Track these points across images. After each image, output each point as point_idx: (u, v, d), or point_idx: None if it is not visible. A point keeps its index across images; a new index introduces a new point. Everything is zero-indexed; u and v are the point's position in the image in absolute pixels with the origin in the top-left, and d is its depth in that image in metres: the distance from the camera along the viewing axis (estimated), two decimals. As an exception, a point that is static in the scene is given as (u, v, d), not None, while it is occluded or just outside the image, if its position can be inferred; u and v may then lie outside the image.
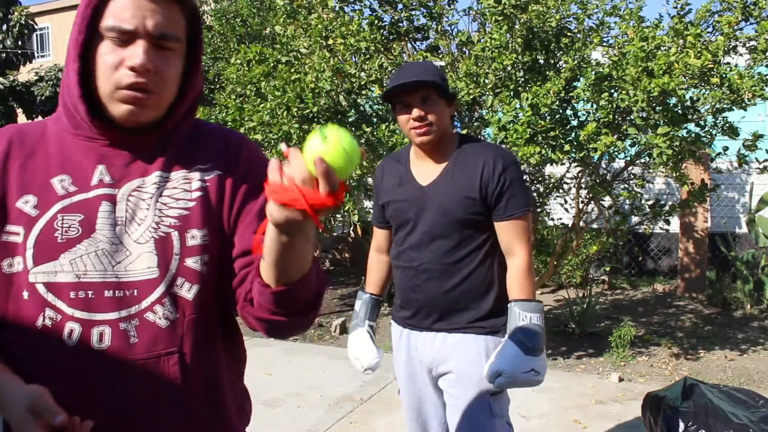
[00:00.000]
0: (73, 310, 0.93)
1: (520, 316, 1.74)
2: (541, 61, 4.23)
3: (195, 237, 0.99)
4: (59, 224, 0.94)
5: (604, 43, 4.27)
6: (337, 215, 7.13)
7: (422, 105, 1.79)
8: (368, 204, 6.99)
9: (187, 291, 0.98)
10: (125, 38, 0.93)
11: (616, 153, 4.36)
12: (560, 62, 4.26)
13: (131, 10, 0.92)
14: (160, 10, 0.94)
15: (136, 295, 0.95)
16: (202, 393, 1.00)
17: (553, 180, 4.72)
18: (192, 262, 0.98)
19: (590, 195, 4.51)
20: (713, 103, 3.90)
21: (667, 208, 4.55)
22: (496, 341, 1.83)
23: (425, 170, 1.89)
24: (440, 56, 4.63)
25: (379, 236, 2.10)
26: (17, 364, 0.93)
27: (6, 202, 0.95)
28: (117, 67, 0.93)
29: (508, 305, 1.79)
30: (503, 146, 3.91)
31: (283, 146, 0.84)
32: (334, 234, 7.74)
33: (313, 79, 4.50)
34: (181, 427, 0.99)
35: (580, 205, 4.69)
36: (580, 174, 4.60)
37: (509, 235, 1.82)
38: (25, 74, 11.75)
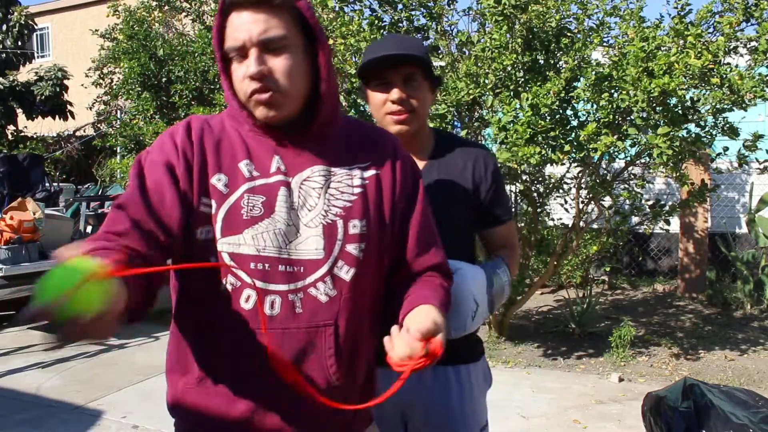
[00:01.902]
0: (252, 279, 1.07)
1: (501, 267, 1.54)
2: (541, 61, 4.23)
3: (356, 226, 1.13)
4: (245, 203, 1.09)
5: (605, 44, 4.27)
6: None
7: (404, 85, 1.50)
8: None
9: (346, 273, 1.12)
10: (242, 53, 1.07)
11: (616, 153, 4.36)
12: (560, 62, 4.25)
13: (238, 28, 1.06)
14: (261, 19, 1.06)
15: (303, 272, 1.09)
16: (346, 363, 1.14)
17: (553, 180, 4.72)
18: (352, 248, 1.13)
19: (590, 195, 4.51)
20: (713, 104, 3.90)
21: (667, 208, 4.55)
22: (480, 371, 1.65)
23: None
24: (440, 56, 4.63)
25: None
26: (199, 321, 1.11)
27: (206, 178, 1.09)
28: (243, 80, 1.08)
29: (496, 256, 1.62)
30: (503, 146, 3.92)
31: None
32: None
33: (313, 79, 4.49)
34: (324, 390, 1.10)
35: (580, 205, 4.68)
36: (580, 174, 4.60)
37: (502, 241, 1.65)
38: (25, 74, 11.74)
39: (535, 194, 4.74)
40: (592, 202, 4.74)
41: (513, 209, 1.72)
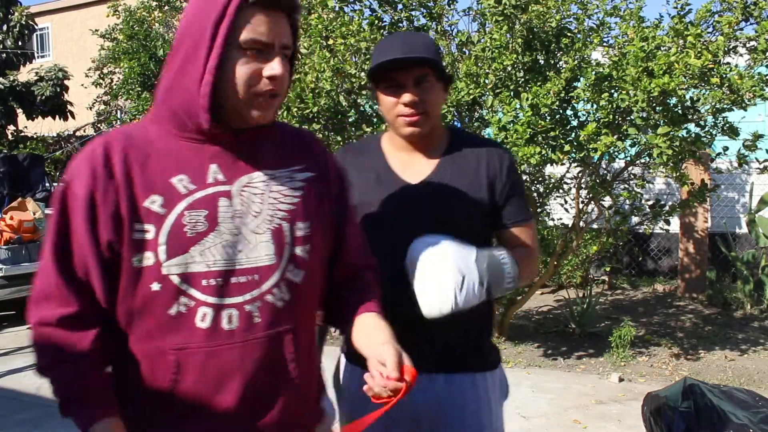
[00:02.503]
0: (205, 297, 1.04)
1: (502, 253, 1.43)
2: (541, 62, 4.23)
3: (301, 228, 1.13)
4: (187, 220, 1.04)
5: (605, 44, 4.27)
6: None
7: (416, 87, 1.44)
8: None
9: (296, 276, 1.12)
10: (263, 50, 1.04)
11: (616, 153, 4.36)
12: (560, 62, 4.25)
13: (268, 25, 1.03)
14: (283, 24, 1.06)
15: (257, 280, 1.07)
16: (305, 364, 1.15)
17: (553, 180, 4.72)
18: (300, 251, 1.12)
19: (590, 195, 4.51)
20: (713, 103, 3.90)
21: (667, 208, 4.55)
22: (498, 379, 1.57)
23: (411, 165, 1.53)
24: (440, 56, 4.64)
25: None
26: (145, 355, 1.05)
27: (136, 203, 1.04)
28: (256, 77, 1.04)
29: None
30: (504, 145, 3.92)
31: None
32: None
33: (313, 79, 4.50)
34: (289, 395, 1.12)
35: (580, 205, 4.68)
36: (580, 174, 4.60)
37: (519, 243, 1.53)
38: (25, 74, 11.73)
39: (535, 194, 4.74)
40: (592, 202, 4.74)
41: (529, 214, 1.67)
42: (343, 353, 1.64)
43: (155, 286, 1.02)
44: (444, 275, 1.33)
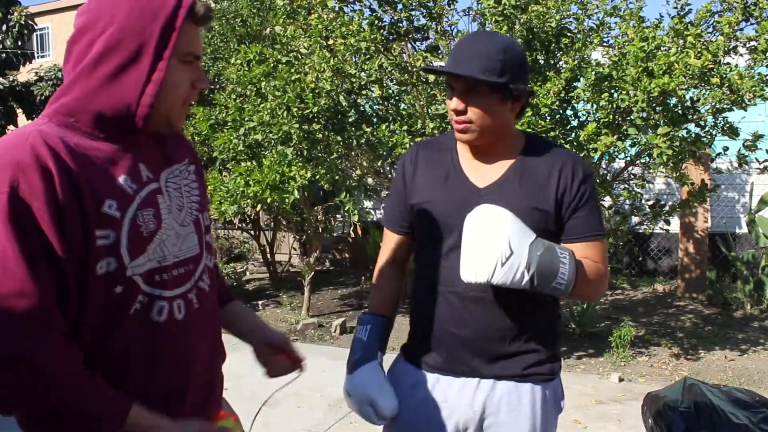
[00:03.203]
0: (159, 291, 1.08)
1: (564, 251, 1.36)
2: (541, 62, 4.23)
3: (206, 218, 1.22)
4: (141, 221, 1.06)
5: (604, 44, 4.27)
6: (337, 215, 7.13)
7: (464, 95, 1.39)
8: (368, 204, 6.99)
9: (210, 261, 1.23)
10: (194, 61, 1.10)
11: (616, 153, 4.36)
12: (560, 62, 4.26)
13: (198, 38, 1.11)
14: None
15: (192, 269, 1.15)
16: (221, 338, 1.28)
17: (553, 180, 4.72)
18: (208, 238, 1.23)
19: (590, 195, 4.50)
20: (713, 104, 3.90)
21: (667, 208, 4.55)
22: (552, 391, 1.52)
23: (481, 169, 1.47)
24: (440, 56, 4.63)
25: (394, 244, 1.60)
26: (116, 352, 1.05)
27: (100, 210, 1.01)
28: (188, 88, 1.10)
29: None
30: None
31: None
32: (334, 234, 7.75)
33: (313, 79, 4.50)
34: (222, 359, 1.28)
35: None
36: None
37: (588, 258, 1.43)
38: (25, 74, 11.74)
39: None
40: (592, 202, 4.73)
41: (603, 230, 1.51)
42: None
43: (118, 289, 1.03)
44: (492, 244, 1.29)
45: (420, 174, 1.52)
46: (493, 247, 1.29)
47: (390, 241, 1.61)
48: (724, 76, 3.76)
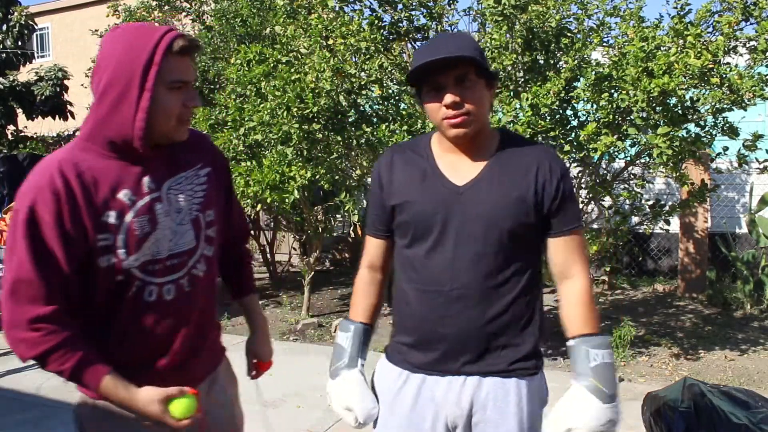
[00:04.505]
0: (153, 278, 1.37)
1: (590, 356, 1.44)
2: (541, 62, 4.23)
3: (209, 215, 1.48)
4: (136, 226, 1.34)
5: (604, 44, 4.27)
6: (338, 215, 7.13)
7: (457, 88, 1.40)
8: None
9: (209, 251, 1.48)
10: (183, 87, 1.33)
11: (616, 153, 4.36)
12: (560, 62, 4.26)
13: (186, 66, 1.34)
14: (191, 64, 1.37)
15: (185, 260, 1.42)
16: (213, 308, 1.56)
17: (553, 180, 4.71)
18: (210, 232, 1.48)
19: (590, 195, 4.51)
20: (713, 103, 3.90)
21: (667, 208, 4.55)
22: (537, 385, 1.54)
23: (458, 167, 1.49)
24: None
25: (375, 249, 1.63)
26: (116, 327, 1.36)
27: (96, 218, 1.30)
28: (180, 108, 1.34)
29: (572, 342, 1.49)
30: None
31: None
32: (334, 234, 7.74)
33: (313, 79, 4.50)
34: (212, 335, 1.56)
35: (580, 205, 4.69)
36: (580, 174, 4.60)
37: (566, 252, 1.49)
38: (25, 74, 11.72)
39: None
40: (592, 202, 4.74)
41: (581, 221, 1.62)
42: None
43: (119, 278, 1.33)
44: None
45: (397, 176, 1.54)
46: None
47: (371, 246, 1.64)
48: (724, 75, 3.76)
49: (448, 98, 1.40)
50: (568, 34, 4.20)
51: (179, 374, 1.41)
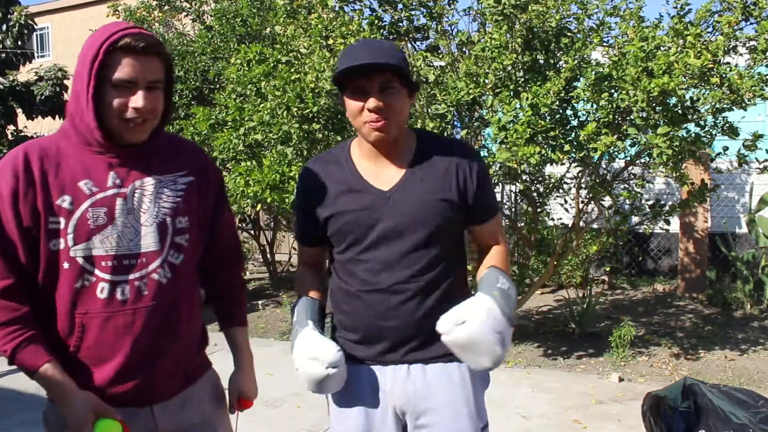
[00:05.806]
0: (103, 274, 1.35)
1: (499, 280, 1.52)
2: (541, 61, 4.23)
3: (181, 222, 1.45)
4: (90, 215, 1.35)
5: (604, 43, 4.27)
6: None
7: (381, 94, 1.47)
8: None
9: (176, 259, 1.44)
10: (129, 86, 1.33)
11: (616, 153, 4.35)
12: (560, 62, 4.25)
13: (132, 66, 1.32)
14: (150, 63, 1.34)
15: (145, 262, 1.39)
16: (187, 323, 1.47)
17: (553, 180, 4.72)
18: (180, 239, 1.45)
19: (590, 195, 4.50)
20: (713, 103, 3.89)
21: (667, 208, 4.55)
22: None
23: (380, 173, 1.57)
24: (440, 56, 4.63)
25: (309, 257, 1.74)
26: (59, 318, 1.35)
27: (50, 201, 1.33)
28: (123, 108, 1.33)
29: (485, 271, 1.57)
30: (503, 146, 3.92)
31: None
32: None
33: (313, 79, 4.50)
34: (176, 349, 1.45)
35: (580, 205, 4.68)
36: (580, 174, 4.60)
37: (490, 234, 1.66)
38: (25, 74, 11.72)
39: (535, 194, 4.74)
40: (592, 202, 4.74)
41: (510, 205, 1.71)
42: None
43: (65, 265, 1.33)
44: (482, 344, 1.43)
45: (321, 189, 1.60)
46: (486, 345, 1.43)
47: (304, 254, 1.75)
48: (724, 75, 3.75)
49: (372, 103, 1.47)
50: (568, 34, 4.19)
51: (126, 385, 1.37)
